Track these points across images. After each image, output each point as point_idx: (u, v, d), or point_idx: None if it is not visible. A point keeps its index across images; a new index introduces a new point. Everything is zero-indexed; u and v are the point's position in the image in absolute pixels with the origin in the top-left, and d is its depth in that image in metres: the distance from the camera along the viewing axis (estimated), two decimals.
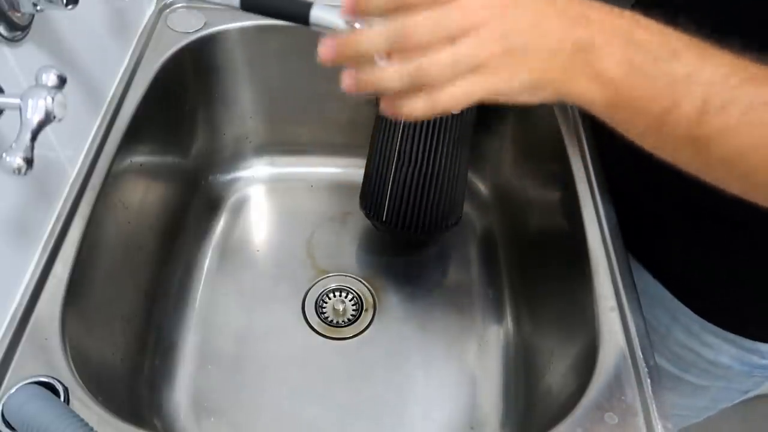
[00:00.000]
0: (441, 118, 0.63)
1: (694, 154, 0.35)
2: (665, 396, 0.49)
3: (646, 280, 0.61)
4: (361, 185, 0.75)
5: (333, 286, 0.77)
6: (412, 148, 0.65)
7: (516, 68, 0.34)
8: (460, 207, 0.73)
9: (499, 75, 0.33)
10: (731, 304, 0.55)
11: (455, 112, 0.45)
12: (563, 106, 0.69)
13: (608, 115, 0.36)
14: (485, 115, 0.79)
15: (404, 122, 0.63)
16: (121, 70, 0.66)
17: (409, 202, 0.68)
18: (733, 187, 0.36)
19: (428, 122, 0.63)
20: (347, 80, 0.36)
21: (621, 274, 0.56)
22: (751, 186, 0.35)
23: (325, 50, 0.38)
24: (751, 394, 0.64)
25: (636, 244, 0.60)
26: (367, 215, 0.74)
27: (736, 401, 0.66)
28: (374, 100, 0.70)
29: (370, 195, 0.72)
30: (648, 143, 0.37)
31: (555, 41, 0.33)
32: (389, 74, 0.34)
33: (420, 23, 0.32)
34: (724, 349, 0.56)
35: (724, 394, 0.62)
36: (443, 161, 0.66)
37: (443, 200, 0.68)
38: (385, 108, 0.36)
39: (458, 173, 0.69)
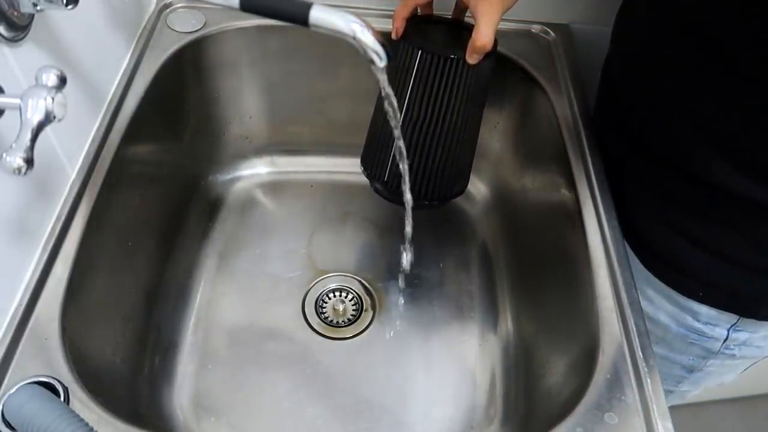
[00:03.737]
0: (453, 73, 0.58)
1: None
2: (665, 395, 0.49)
3: None
4: (363, 148, 0.70)
5: (333, 286, 0.77)
6: (420, 104, 0.59)
7: None
8: (467, 174, 0.69)
9: None
10: (669, 254, 0.58)
11: (472, 62, 0.53)
12: (563, 106, 0.69)
13: None
14: (485, 115, 0.79)
15: (414, 76, 0.59)
16: (121, 70, 0.66)
17: (413, 164, 0.63)
18: None
19: (439, 77, 0.58)
20: None
21: (621, 274, 0.56)
22: None
23: None
24: (698, 381, 0.64)
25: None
26: (368, 176, 0.69)
27: (684, 387, 0.66)
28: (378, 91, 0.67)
29: (372, 155, 0.67)
30: None
31: None
32: None
33: None
34: (662, 305, 0.58)
35: (666, 367, 0.64)
36: (452, 121, 0.60)
37: (450, 165, 0.63)
38: None
39: (468, 136, 0.64)
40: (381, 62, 0.40)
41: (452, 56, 0.57)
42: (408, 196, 0.59)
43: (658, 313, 0.60)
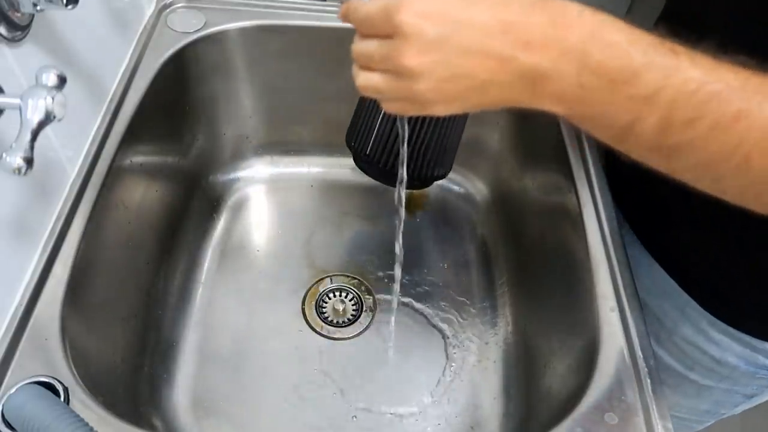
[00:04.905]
0: None
1: (662, 161, 0.34)
2: (665, 396, 0.49)
3: (655, 273, 0.60)
4: (349, 125, 0.68)
5: (333, 286, 0.77)
6: None
7: (454, 107, 0.34)
8: (450, 159, 0.66)
9: (435, 109, 0.34)
10: (741, 301, 0.54)
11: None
12: None
13: (570, 122, 0.35)
14: (486, 114, 0.79)
15: None
16: (121, 70, 0.66)
17: (396, 141, 0.60)
18: (703, 188, 0.35)
19: None
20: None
21: (621, 274, 0.56)
22: (720, 190, 0.35)
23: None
24: (755, 401, 0.63)
25: (646, 235, 0.59)
26: (351, 148, 0.67)
27: (739, 408, 0.65)
28: None
29: (357, 127, 0.65)
30: (617, 148, 0.36)
31: (496, 95, 0.33)
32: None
33: (370, 50, 0.36)
34: (730, 347, 0.55)
35: (728, 397, 0.62)
36: None
37: (433, 146, 0.62)
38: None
39: (454, 120, 0.63)
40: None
41: None
42: (403, 172, 0.56)
43: (726, 355, 0.56)
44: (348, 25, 0.40)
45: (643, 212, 0.58)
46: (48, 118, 0.39)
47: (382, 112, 0.60)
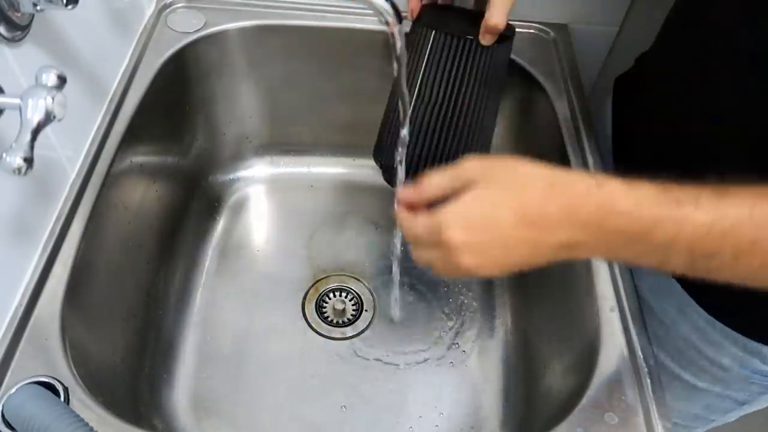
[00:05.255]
0: (466, 55, 0.57)
1: (702, 276, 0.37)
2: (665, 396, 0.49)
3: (656, 271, 0.60)
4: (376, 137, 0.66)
5: (333, 286, 0.77)
6: (433, 86, 0.58)
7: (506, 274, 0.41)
8: None
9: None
10: (740, 303, 0.54)
11: (485, 43, 0.56)
12: (563, 106, 0.69)
13: None
14: None
15: (427, 58, 0.58)
16: (121, 70, 0.66)
17: (424, 146, 0.59)
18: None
19: (452, 58, 0.57)
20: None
21: (621, 274, 0.56)
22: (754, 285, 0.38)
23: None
24: (746, 409, 0.62)
25: None
26: (378, 162, 0.65)
27: (730, 416, 0.64)
28: (413, 21, 0.61)
29: (383, 140, 0.64)
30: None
31: (540, 263, 0.40)
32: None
33: (431, 257, 0.41)
34: (726, 349, 0.55)
35: (719, 401, 0.61)
36: (466, 105, 0.58)
37: (461, 152, 0.60)
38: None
39: (483, 124, 0.61)
40: (390, 17, 0.41)
41: (465, 37, 0.56)
42: (401, 174, 0.57)
43: (722, 357, 0.56)
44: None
45: None
46: (48, 118, 0.39)
47: (410, 113, 0.59)
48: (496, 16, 0.54)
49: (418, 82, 0.59)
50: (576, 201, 0.36)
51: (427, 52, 0.58)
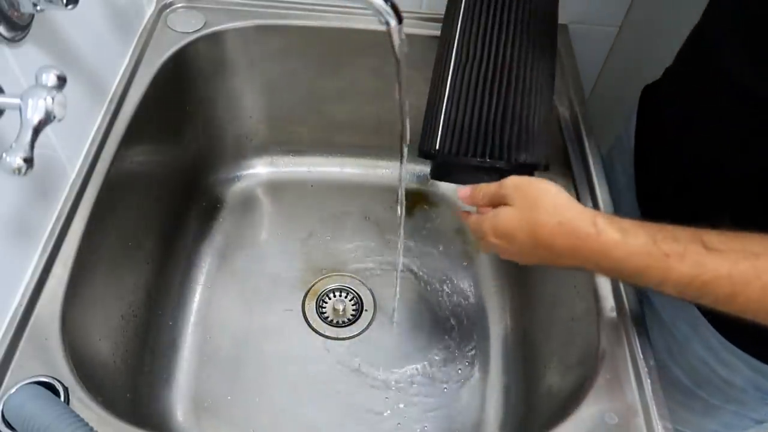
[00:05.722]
0: (505, 6, 0.52)
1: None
2: (664, 395, 0.49)
3: None
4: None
5: (333, 286, 0.77)
6: (470, 39, 0.51)
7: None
8: (541, 143, 0.53)
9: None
10: (750, 326, 0.54)
11: None
12: (563, 106, 0.69)
13: None
14: None
15: (463, 7, 0.53)
16: (122, 70, 0.66)
17: (466, 114, 0.51)
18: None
19: (491, 10, 0.52)
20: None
21: None
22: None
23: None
24: (766, 427, 0.62)
25: None
26: (421, 150, 0.56)
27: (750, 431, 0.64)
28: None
29: (426, 123, 0.56)
30: None
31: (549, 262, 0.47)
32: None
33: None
34: (739, 370, 0.55)
35: (737, 420, 0.61)
36: (512, 63, 0.51)
37: (513, 120, 0.51)
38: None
39: (535, 87, 0.52)
40: (390, 17, 0.41)
41: None
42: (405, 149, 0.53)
43: (735, 377, 0.56)
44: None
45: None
46: (48, 118, 0.39)
47: (450, 78, 0.53)
48: None
49: (455, 41, 0.53)
50: (578, 243, 0.42)
51: (462, 3, 0.53)
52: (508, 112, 0.52)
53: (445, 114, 0.54)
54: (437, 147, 0.54)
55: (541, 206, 0.44)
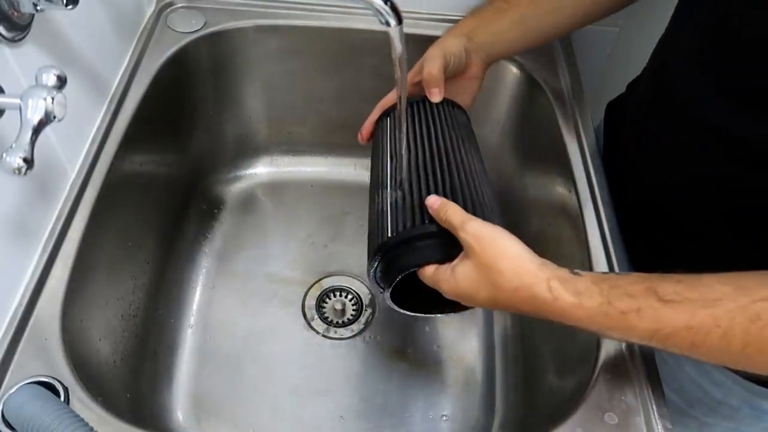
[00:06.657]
0: (427, 112, 0.57)
1: None
2: (665, 395, 0.49)
3: None
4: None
5: (333, 286, 0.77)
6: (411, 146, 0.53)
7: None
8: (494, 212, 0.51)
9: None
10: None
11: (434, 99, 0.58)
12: (563, 106, 0.69)
13: None
14: (486, 115, 0.79)
15: (390, 131, 0.58)
16: (122, 70, 0.66)
17: (413, 195, 0.49)
18: None
19: (417, 118, 0.57)
20: None
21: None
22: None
23: None
24: None
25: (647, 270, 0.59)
26: (379, 258, 0.52)
27: None
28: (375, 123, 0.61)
29: (373, 234, 0.53)
30: None
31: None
32: None
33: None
34: (734, 391, 0.55)
35: None
36: (448, 150, 0.53)
37: (462, 194, 0.49)
38: None
39: (476, 168, 0.54)
40: (390, 17, 0.41)
41: (415, 100, 0.59)
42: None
43: (729, 397, 0.56)
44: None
45: (647, 258, 0.58)
46: (48, 118, 0.39)
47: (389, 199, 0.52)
48: (427, 68, 0.56)
49: (392, 156, 0.55)
50: (537, 307, 0.43)
51: (388, 129, 0.59)
52: (456, 188, 0.50)
53: (391, 207, 0.51)
54: (389, 234, 0.50)
55: (501, 269, 0.43)
